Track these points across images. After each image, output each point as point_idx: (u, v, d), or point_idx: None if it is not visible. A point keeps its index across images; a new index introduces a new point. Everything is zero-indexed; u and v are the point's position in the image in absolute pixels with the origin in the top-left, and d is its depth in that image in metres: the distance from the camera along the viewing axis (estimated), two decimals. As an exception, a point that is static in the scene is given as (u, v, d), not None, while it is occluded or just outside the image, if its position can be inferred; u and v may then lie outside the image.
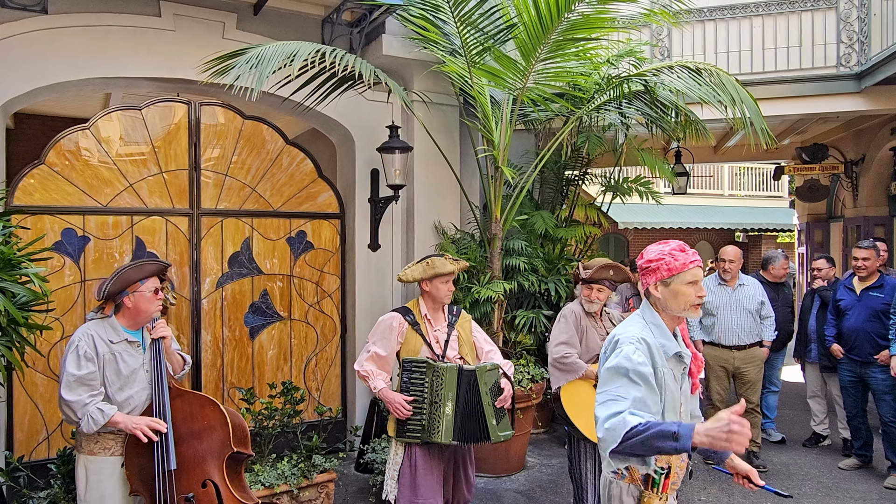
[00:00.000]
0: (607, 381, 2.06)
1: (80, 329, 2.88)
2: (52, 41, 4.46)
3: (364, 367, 3.36)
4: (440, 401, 3.23)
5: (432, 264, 3.42)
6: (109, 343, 2.87)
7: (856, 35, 6.79)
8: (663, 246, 2.22)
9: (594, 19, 4.67)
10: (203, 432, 2.97)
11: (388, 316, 3.45)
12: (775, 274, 5.90)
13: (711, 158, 10.83)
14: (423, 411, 3.25)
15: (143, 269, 2.95)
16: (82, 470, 2.86)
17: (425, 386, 3.25)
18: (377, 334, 3.42)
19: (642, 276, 2.24)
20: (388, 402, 3.28)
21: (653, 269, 2.20)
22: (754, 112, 4.81)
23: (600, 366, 2.19)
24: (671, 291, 2.17)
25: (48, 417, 4.48)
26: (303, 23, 5.34)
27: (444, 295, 3.45)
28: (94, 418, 2.77)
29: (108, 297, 2.88)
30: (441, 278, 3.41)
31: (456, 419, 3.24)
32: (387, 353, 3.38)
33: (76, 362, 2.78)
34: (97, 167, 4.68)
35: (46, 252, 4.10)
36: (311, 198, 5.48)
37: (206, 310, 5.02)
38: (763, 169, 17.97)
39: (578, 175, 6.76)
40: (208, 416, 3.00)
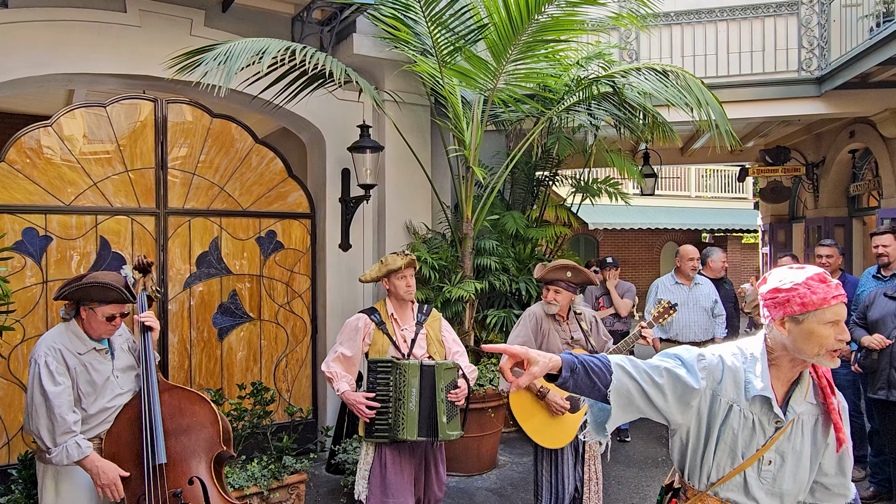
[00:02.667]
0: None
1: (43, 343, 2.70)
2: (11, 36, 4.34)
3: (330, 369, 3.35)
4: (403, 398, 3.22)
5: (385, 262, 3.47)
6: (78, 354, 2.74)
7: (816, 40, 6.98)
8: (797, 273, 1.77)
9: (563, 21, 4.73)
10: (191, 428, 2.90)
11: (354, 317, 3.45)
12: (713, 268, 6.04)
13: (678, 160, 11.03)
14: (388, 410, 3.23)
15: (106, 294, 2.75)
16: (50, 482, 2.72)
17: (390, 385, 3.24)
18: (343, 335, 3.42)
19: (766, 307, 1.81)
20: (350, 404, 3.25)
21: (781, 301, 1.75)
22: (719, 114, 4.91)
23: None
24: (803, 331, 1.73)
25: (8, 423, 4.36)
26: (272, 21, 5.29)
27: (404, 291, 3.44)
28: (70, 452, 2.62)
29: (64, 298, 2.76)
30: (396, 274, 3.43)
31: (420, 415, 3.23)
32: (353, 354, 3.37)
33: (52, 379, 2.63)
34: (60, 165, 4.57)
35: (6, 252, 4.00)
36: (281, 197, 5.43)
37: (173, 311, 4.93)
38: (729, 171, 18.35)
39: (549, 176, 6.82)
40: (197, 413, 2.93)
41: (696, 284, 5.47)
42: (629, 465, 5.38)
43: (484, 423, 5.00)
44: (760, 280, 1.88)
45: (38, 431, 2.62)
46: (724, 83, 7.04)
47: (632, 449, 5.81)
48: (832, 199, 8.92)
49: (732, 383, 1.79)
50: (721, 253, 6.11)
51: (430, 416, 3.24)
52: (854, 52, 6.14)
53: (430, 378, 3.25)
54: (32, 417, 2.64)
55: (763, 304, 1.82)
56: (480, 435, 5.02)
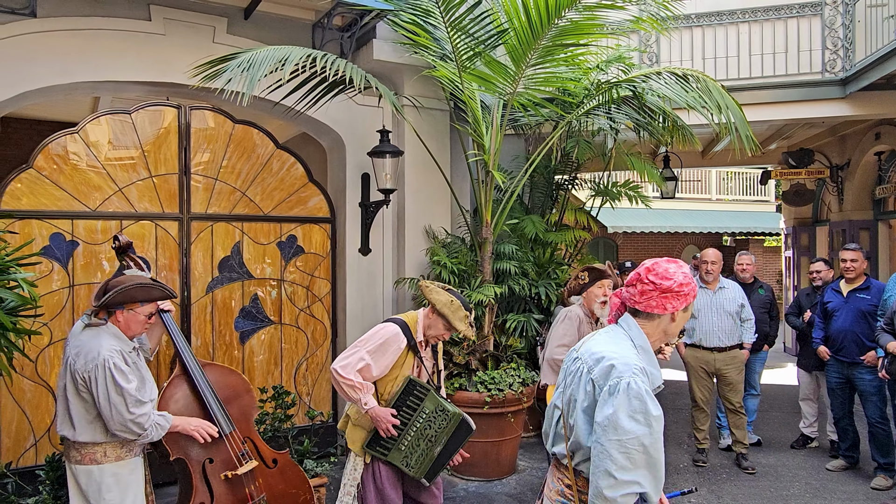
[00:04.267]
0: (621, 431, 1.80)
1: (101, 349, 2.73)
2: (40, 45, 4.43)
3: (354, 378, 3.07)
4: (435, 441, 3.19)
5: (454, 308, 3.20)
6: (129, 353, 2.86)
7: (840, 41, 6.88)
8: (679, 267, 2.01)
9: (583, 26, 4.71)
10: (232, 398, 3.40)
11: (395, 332, 3.16)
12: (735, 270, 5.97)
13: (699, 163, 10.93)
14: (408, 437, 3.16)
15: (150, 293, 2.91)
16: (111, 479, 2.80)
17: (421, 415, 3.16)
18: (375, 345, 3.13)
19: (665, 299, 1.97)
20: (377, 420, 3.10)
21: (685, 293, 1.98)
22: (739, 119, 4.87)
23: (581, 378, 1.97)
24: (684, 317, 2.02)
25: (35, 424, 4.44)
26: (293, 27, 5.35)
27: (439, 334, 3.26)
28: (161, 424, 2.87)
29: (105, 307, 2.84)
30: (446, 323, 3.21)
31: (436, 462, 3.22)
32: (378, 373, 3.15)
33: (125, 377, 2.73)
34: (86, 171, 4.65)
35: (35, 257, 4.08)
36: (301, 202, 5.47)
37: (195, 314, 4.99)
38: (750, 173, 18.14)
39: (568, 179, 6.80)
40: (234, 384, 3.44)
41: (721, 288, 5.39)
42: (650, 472, 5.34)
43: (503, 428, 4.99)
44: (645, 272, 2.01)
45: (126, 424, 2.73)
46: (745, 85, 6.98)
47: (652, 455, 5.77)
48: (857, 201, 8.78)
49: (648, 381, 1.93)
50: (741, 255, 6.02)
51: (440, 465, 3.26)
52: (879, 52, 6.04)
53: (463, 436, 3.24)
54: (114, 417, 2.71)
55: (666, 296, 1.97)
56: (500, 440, 5.02)
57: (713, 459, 5.58)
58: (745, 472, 5.26)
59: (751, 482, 5.08)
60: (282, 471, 3.49)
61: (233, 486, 3.24)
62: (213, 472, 3.19)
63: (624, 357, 1.91)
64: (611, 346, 1.98)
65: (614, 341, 2.00)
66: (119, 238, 3.31)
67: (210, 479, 3.17)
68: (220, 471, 3.21)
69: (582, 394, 1.95)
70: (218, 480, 3.19)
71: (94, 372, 2.69)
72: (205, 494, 3.13)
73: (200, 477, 3.15)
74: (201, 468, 3.16)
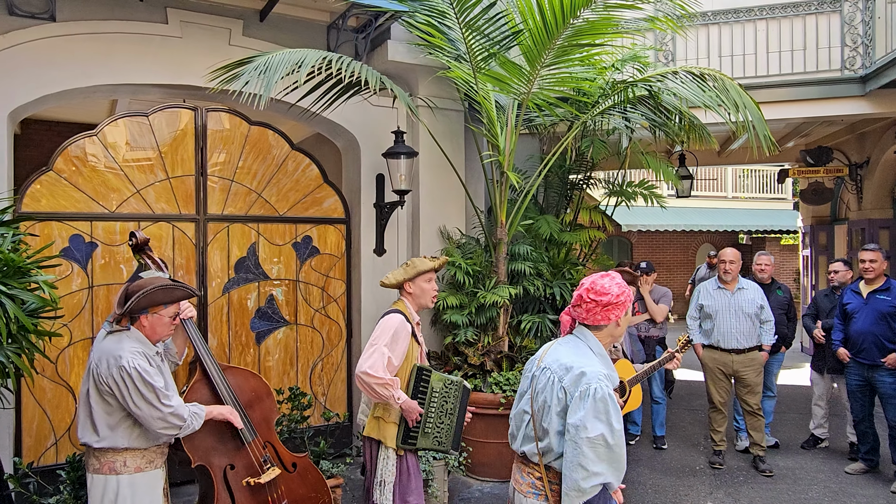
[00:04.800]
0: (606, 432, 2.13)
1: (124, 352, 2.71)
2: (59, 49, 4.48)
3: (385, 375, 3.10)
4: (451, 411, 3.35)
5: (413, 264, 3.36)
6: (153, 357, 2.84)
7: (860, 38, 6.79)
8: (611, 279, 2.35)
9: (599, 25, 4.69)
10: (254, 402, 3.38)
11: (399, 321, 3.23)
12: (754, 271, 5.90)
13: (715, 161, 10.84)
14: (430, 417, 3.30)
15: (172, 294, 2.89)
16: (127, 490, 2.76)
17: (434, 394, 3.29)
18: (389, 338, 3.18)
19: (608, 311, 2.31)
20: (410, 411, 3.20)
21: (623, 301, 2.33)
22: (757, 118, 4.82)
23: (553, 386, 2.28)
24: (626, 321, 2.40)
25: (56, 423, 4.50)
26: (308, 29, 5.37)
27: (430, 296, 3.36)
28: (198, 413, 2.90)
29: (129, 313, 2.80)
30: (424, 276, 3.33)
31: (456, 431, 3.40)
32: (398, 364, 3.22)
33: (153, 377, 2.71)
34: (104, 173, 4.71)
35: (55, 259, 4.14)
36: (316, 203, 5.50)
37: (212, 315, 5.03)
38: (767, 171, 17.95)
39: (583, 179, 6.77)
40: (255, 388, 3.41)
41: (740, 289, 5.32)
42: (666, 474, 5.31)
43: (518, 429, 4.98)
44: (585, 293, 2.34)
45: (165, 419, 2.74)
46: (763, 83, 6.90)
47: (668, 457, 5.74)
48: (876, 200, 8.67)
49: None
50: (760, 256, 5.95)
51: (460, 431, 3.42)
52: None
53: (466, 399, 3.44)
54: (153, 415, 2.70)
55: (608, 308, 2.32)
56: (515, 441, 5.01)
57: (730, 461, 5.54)
58: (762, 475, 5.22)
59: (768, 485, 5.04)
60: (301, 475, 3.50)
61: (254, 492, 3.26)
62: (235, 478, 3.20)
63: (590, 366, 2.24)
64: (576, 356, 2.30)
65: (578, 352, 2.33)
66: (136, 235, 3.29)
67: (231, 485, 3.18)
68: (242, 477, 3.21)
69: (555, 400, 2.25)
70: (239, 487, 3.20)
71: (119, 376, 2.66)
72: (226, 500, 3.15)
73: (222, 483, 3.16)
74: (223, 474, 3.17)
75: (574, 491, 2.13)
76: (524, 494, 2.36)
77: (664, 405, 6.06)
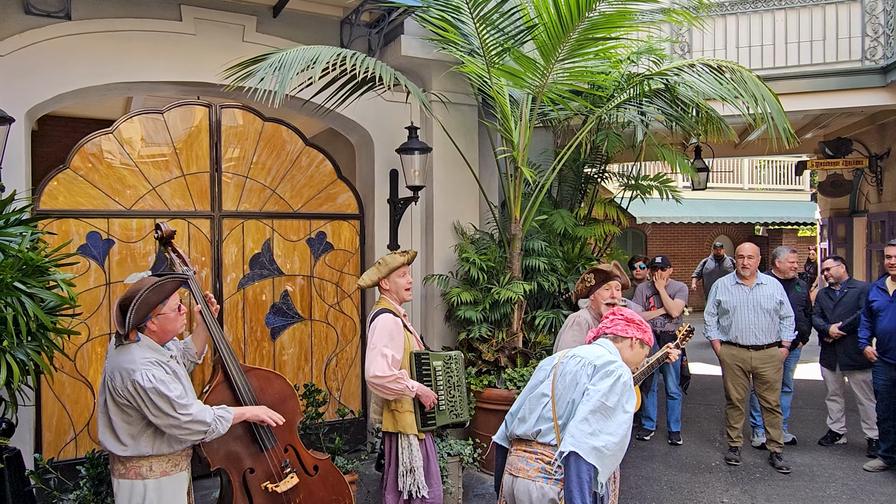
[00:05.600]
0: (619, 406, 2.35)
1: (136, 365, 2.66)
2: (75, 47, 4.51)
3: (393, 371, 3.30)
4: (460, 384, 3.59)
5: (384, 262, 3.56)
6: (166, 363, 2.79)
7: (881, 28, 6.66)
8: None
9: (614, 18, 4.63)
10: (277, 405, 3.30)
11: (390, 319, 3.44)
12: (781, 268, 5.82)
13: (732, 153, 10.71)
14: (440, 395, 3.51)
15: (164, 289, 2.79)
16: (154, 494, 2.75)
17: (438, 373, 3.51)
18: (385, 338, 3.36)
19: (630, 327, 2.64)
20: (424, 397, 3.42)
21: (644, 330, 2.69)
22: (776, 110, 4.74)
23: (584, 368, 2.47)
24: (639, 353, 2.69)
25: (75, 418, 4.56)
26: (322, 24, 5.35)
27: (404, 289, 3.56)
28: (224, 417, 2.87)
29: (134, 327, 2.73)
30: (397, 272, 3.52)
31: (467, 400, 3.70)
32: (399, 357, 3.43)
33: (168, 387, 2.66)
34: (120, 170, 4.73)
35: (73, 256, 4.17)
36: (330, 199, 5.50)
37: (227, 310, 5.06)
38: (784, 162, 17.73)
39: (597, 172, 6.71)
40: (278, 389, 3.37)
41: (759, 284, 5.26)
42: (682, 470, 5.28)
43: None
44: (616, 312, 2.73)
45: (189, 428, 2.72)
46: (781, 74, 6.80)
47: (684, 453, 5.71)
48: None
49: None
50: (789, 252, 5.87)
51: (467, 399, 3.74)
52: (923, 40, 5.84)
53: (463, 366, 3.70)
54: (172, 426, 2.68)
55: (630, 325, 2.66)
56: (529, 437, 5.00)
57: (746, 458, 5.50)
58: (779, 472, 5.18)
59: (785, 482, 5.00)
60: (322, 478, 3.48)
61: (273, 497, 3.25)
62: (255, 482, 3.20)
63: (620, 360, 2.51)
64: (607, 353, 2.54)
65: (603, 351, 2.56)
66: (161, 227, 3.27)
67: (251, 489, 3.18)
68: (262, 481, 3.21)
69: (585, 378, 2.43)
70: (258, 491, 3.20)
71: (133, 389, 2.63)
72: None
73: (241, 487, 3.15)
74: (242, 478, 3.16)
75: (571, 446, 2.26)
76: (532, 479, 2.41)
77: (679, 400, 6.03)
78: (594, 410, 2.30)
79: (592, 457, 2.23)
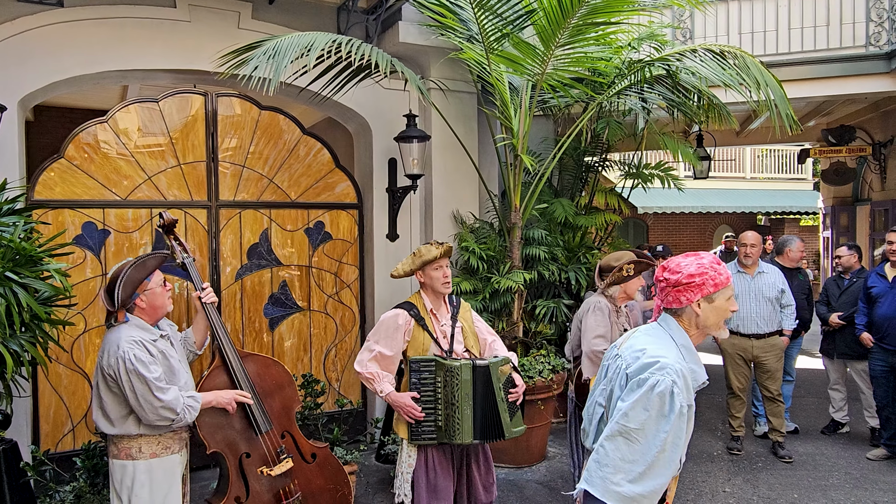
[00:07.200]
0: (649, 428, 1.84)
1: (120, 341, 2.71)
2: (68, 35, 4.45)
3: (368, 369, 3.15)
4: (458, 402, 3.07)
5: (419, 253, 3.27)
6: (153, 342, 2.82)
7: (886, 13, 6.58)
8: (696, 258, 2.05)
9: (615, 3, 4.55)
10: (274, 391, 3.32)
11: (393, 313, 3.23)
12: (792, 258, 5.76)
13: (734, 142, 10.63)
14: (437, 411, 3.10)
15: (146, 267, 2.86)
16: (144, 476, 2.78)
17: (437, 385, 3.10)
18: (381, 333, 3.20)
19: (678, 293, 2.02)
20: (397, 406, 3.11)
21: (697, 284, 2.00)
22: (779, 97, 4.68)
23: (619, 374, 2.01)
24: (714, 308, 2.03)
25: (73, 409, 4.53)
26: (318, 11, 5.28)
27: (440, 283, 3.25)
28: (192, 407, 2.83)
29: (122, 304, 2.79)
30: (431, 265, 3.24)
31: (476, 418, 3.09)
32: (392, 353, 3.18)
33: (146, 367, 2.69)
34: (116, 160, 4.69)
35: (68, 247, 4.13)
36: (328, 188, 5.45)
37: (225, 301, 5.03)
38: (786, 151, 17.62)
39: (598, 161, 6.65)
40: (276, 375, 3.34)
41: (761, 273, 5.21)
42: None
43: (533, 415, 4.95)
44: (660, 270, 2.09)
45: (160, 414, 2.72)
46: (784, 61, 6.72)
47: (685, 442, 5.68)
48: (901, 180, 8.46)
49: (687, 389, 1.90)
50: (799, 242, 5.81)
51: (487, 417, 3.10)
52: (929, 24, 5.76)
53: (485, 378, 3.10)
54: (144, 407, 2.69)
55: (674, 290, 2.03)
56: (530, 427, 4.94)
57: (748, 447, 5.47)
58: (781, 461, 5.15)
59: (788, 471, 4.97)
60: (321, 465, 3.45)
61: (269, 483, 3.23)
62: (250, 467, 3.18)
63: (665, 357, 1.93)
64: (653, 344, 2.01)
65: (656, 340, 2.03)
66: (163, 216, 3.26)
67: (247, 472, 3.16)
68: (258, 465, 3.18)
69: (618, 390, 2.00)
70: (255, 475, 3.17)
71: (116, 366, 2.68)
72: (240, 489, 3.14)
73: (237, 471, 3.14)
74: (238, 462, 3.15)
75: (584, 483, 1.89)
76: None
77: (681, 390, 5.98)
78: (611, 436, 1.88)
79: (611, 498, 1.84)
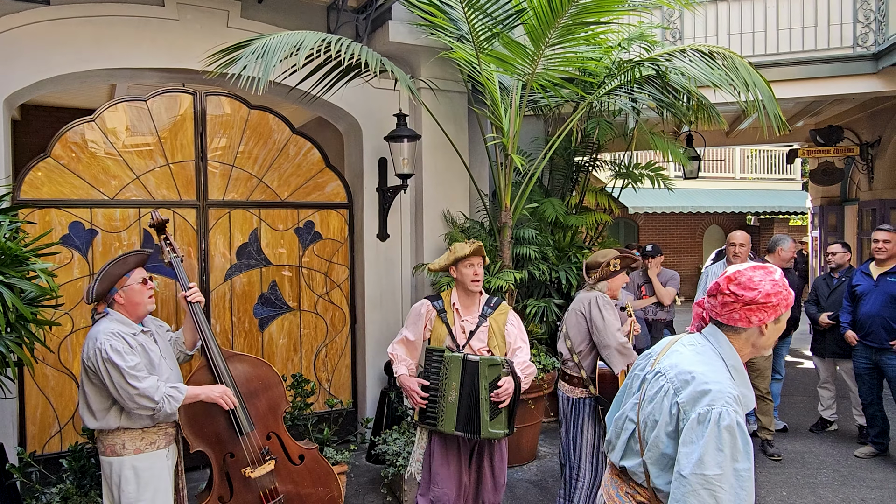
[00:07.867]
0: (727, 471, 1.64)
1: (98, 334, 2.73)
2: (54, 33, 4.41)
3: (394, 350, 3.46)
4: (445, 389, 3.27)
5: (453, 249, 3.48)
6: (133, 336, 2.83)
7: (873, 14, 6.63)
8: (767, 274, 1.84)
9: (605, 3, 4.55)
10: (260, 391, 3.29)
11: (420, 303, 3.53)
12: (784, 258, 5.77)
13: (723, 142, 10.69)
14: (437, 399, 3.30)
15: (126, 263, 2.89)
16: (130, 472, 2.78)
17: (441, 374, 3.28)
18: (409, 319, 3.51)
19: (750, 312, 1.81)
20: (404, 389, 3.39)
21: (773, 304, 1.81)
22: (768, 97, 4.71)
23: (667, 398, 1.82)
24: (777, 328, 1.86)
25: (60, 410, 4.49)
26: (308, 10, 5.26)
27: (470, 280, 3.38)
28: (173, 397, 2.78)
29: (98, 297, 2.83)
30: (463, 262, 3.40)
31: (459, 409, 3.24)
32: (415, 339, 3.45)
33: (121, 356, 2.69)
34: (104, 159, 4.65)
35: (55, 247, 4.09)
36: (318, 188, 5.43)
37: (214, 301, 5.00)
38: (775, 151, 17.74)
39: (589, 161, 6.67)
40: (262, 377, 3.32)
41: None
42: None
43: (524, 414, 4.95)
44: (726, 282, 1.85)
45: (137, 402, 2.70)
46: (773, 61, 6.76)
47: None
48: (888, 180, 8.53)
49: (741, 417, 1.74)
50: (792, 242, 5.83)
51: (470, 412, 3.23)
52: (915, 26, 5.81)
53: (472, 373, 3.22)
54: (122, 395, 2.69)
55: (750, 308, 1.81)
56: (521, 426, 4.98)
57: (737, 445, 5.50)
58: (770, 459, 5.18)
59: (777, 469, 5.00)
60: (309, 467, 3.42)
61: (253, 484, 3.22)
62: (234, 467, 3.16)
63: (718, 382, 1.74)
64: (702, 366, 1.80)
65: (706, 361, 1.83)
66: (153, 215, 3.28)
67: (231, 473, 3.15)
68: (242, 466, 3.17)
69: (666, 416, 1.79)
70: (238, 475, 3.16)
71: (95, 358, 2.69)
72: (224, 489, 3.12)
73: (220, 471, 3.13)
74: (222, 461, 3.13)
75: None
76: None
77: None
78: (691, 492, 1.65)
79: None
